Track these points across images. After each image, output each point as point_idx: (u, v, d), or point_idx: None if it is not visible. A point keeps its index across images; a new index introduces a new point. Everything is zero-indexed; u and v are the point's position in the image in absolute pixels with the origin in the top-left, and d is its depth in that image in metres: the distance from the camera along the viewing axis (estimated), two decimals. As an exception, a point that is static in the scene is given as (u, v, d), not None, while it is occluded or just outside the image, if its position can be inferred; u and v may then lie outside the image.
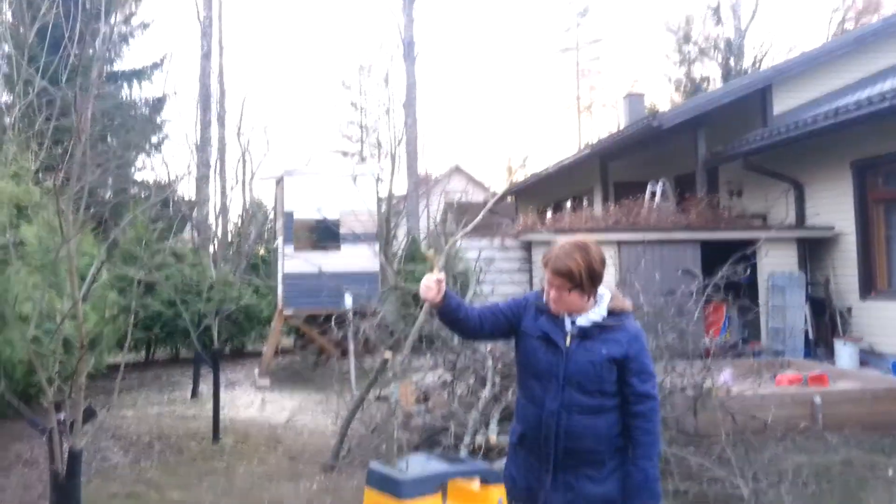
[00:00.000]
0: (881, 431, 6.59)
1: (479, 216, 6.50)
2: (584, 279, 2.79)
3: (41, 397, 2.62)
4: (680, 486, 5.01)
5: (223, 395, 8.15)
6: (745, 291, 8.06)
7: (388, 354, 5.92)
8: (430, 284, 2.79)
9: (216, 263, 7.99)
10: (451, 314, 2.87)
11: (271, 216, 15.83)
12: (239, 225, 16.60)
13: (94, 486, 5.27)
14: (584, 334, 2.84)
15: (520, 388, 3.02)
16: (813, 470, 5.58)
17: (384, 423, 6.01)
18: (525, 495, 2.91)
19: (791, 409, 6.59)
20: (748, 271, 6.74)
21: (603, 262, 2.88)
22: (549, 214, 16.91)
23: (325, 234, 9.94)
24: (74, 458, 2.53)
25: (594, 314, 2.87)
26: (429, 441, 5.64)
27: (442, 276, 2.81)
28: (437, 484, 2.50)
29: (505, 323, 2.97)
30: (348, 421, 5.96)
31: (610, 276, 6.90)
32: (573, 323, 2.86)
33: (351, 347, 7.72)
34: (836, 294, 9.91)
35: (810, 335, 9.94)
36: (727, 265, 5.79)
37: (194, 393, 8.54)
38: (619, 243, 9.90)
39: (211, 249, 13.08)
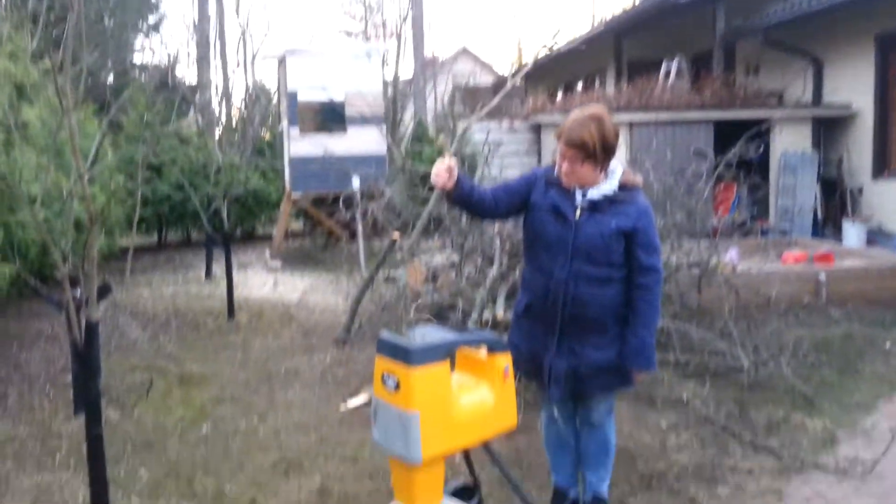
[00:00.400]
0: (883, 306, 6.70)
1: (496, 99, 6.35)
2: (598, 150, 2.77)
3: (56, 275, 2.66)
4: (680, 358, 5.16)
5: (236, 276, 8.31)
6: (756, 170, 7.97)
7: (396, 235, 5.96)
8: (441, 171, 2.74)
9: (221, 146, 7.91)
10: (463, 198, 2.84)
11: (275, 99, 15.54)
12: (243, 109, 16.34)
13: (115, 359, 5.47)
14: (594, 207, 2.85)
15: (527, 261, 3.05)
16: (813, 343, 5.72)
17: (393, 301, 6.14)
18: (529, 362, 3.01)
19: (795, 286, 6.69)
20: (761, 149, 6.63)
21: (617, 135, 2.85)
22: (559, 96, 16.50)
23: (330, 116, 9.78)
24: (91, 329, 2.61)
25: (605, 187, 2.86)
26: (437, 317, 5.77)
27: (453, 161, 2.76)
28: (446, 352, 2.56)
29: (519, 200, 2.97)
30: (358, 299, 6.09)
31: (621, 156, 6.83)
32: (584, 196, 2.86)
33: (359, 229, 7.78)
34: (849, 174, 9.80)
35: (819, 215, 9.92)
36: (739, 143, 5.69)
37: (208, 274, 8.70)
38: (631, 124, 9.70)
39: (216, 134, 12.93)
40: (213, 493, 3.46)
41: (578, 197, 2.87)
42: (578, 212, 2.86)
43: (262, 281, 8.68)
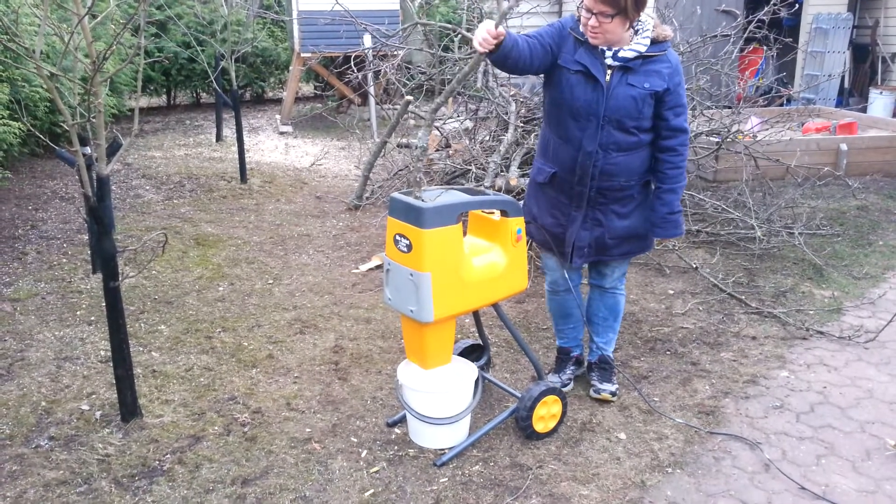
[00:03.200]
0: (903, 179, 6.60)
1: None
2: (630, 4, 2.53)
3: (66, 126, 2.62)
4: (693, 227, 5.15)
5: (246, 140, 8.22)
6: (785, 34, 7.59)
7: (409, 97, 5.80)
8: (489, 38, 2.43)
9: (227, 1, 7.57)
10: (505, 54, 2.54)
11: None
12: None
13: (130, 219, 5.52)
14: (625, 67, 2.66)
15: (552, 128, 2.86)
16: (828, 214, 5.68)
17: (407, 166, 6.09)
18: (549, 233, 2.93)
19: (816, 156, 6.55)
20: (795, 7, 6.26)
21: None
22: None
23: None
24: (103, 182, 2.60)
25: (637, 44, 2.65)
26: (450, 183, 5.73)
27: (502, 29, 2.45)
28: (459, 214, 2.54)
29: (551, 56, 2.72)
30: (371, 164, 6.03)
31: (647, 15, 6.49)
32: (615, 55, 2.66)
33: (371, 90, 7.57)
34: (883, 39, 9.34)
35: (846, 83, 9.57)
36: (772, 2, 5.37)
37: (218, 137, 8.61)
38: (658, -21, 9.18)
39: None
40: (231, 348, 3.59)
41: (608, 55, 2.66)
42: (609, 73, 2.67)
43: (273, 145, 8.59)
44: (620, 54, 2.65)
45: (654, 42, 2.67)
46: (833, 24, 9.35)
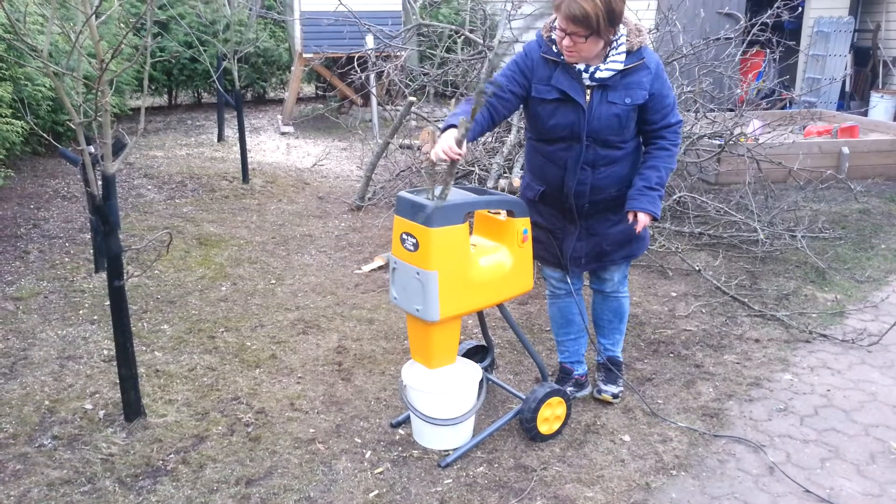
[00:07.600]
0: (905, 182, 6.60)
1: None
2: (603, 23, 2.42)
3: (72, 124, 2.61)
4: (695, 229, 5.15)
5: (248, 140, 8.22)
6: (787, 37, 7.61)
7: (412, 98, 5.80)
8: (450, 154, 2.38)
9: (229, 1, 7.58)
10: (474, 139, 2.54)
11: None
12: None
13: (133, 219, 5.52)
14: (604, 85, 2.58)
15: (535, 149, 2.81)
16: (830, 217, 5.69)
17: (409, 167, 6.09)
18: (544, 246, 2.91)
19: (818, 159, 6.56)
20: (798, 10, 6.28)
21: None
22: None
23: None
24: (108, 181, 2.59)
25: (613, 62, 2.57)
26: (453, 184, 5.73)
27: (463, 149, 2.38)
28: (465, 213, 2.54)
29: (519, 96, 2.67)
30: (373, 164, 6.03)
31: (650, 18, 6.50)
32: (591, 75, 2.58)
33: (373, 91, 7.58)
34: (884, 43, 9.36)
35: (847, 87, 9.58)
36: (774, 6, 5.38)
37: (220, 137, 8.60)
38: (660, -17, 9.19)
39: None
40: (234, 348, 3.58)
41: (585, 76, 2.59)
42: (588, 94, 2.60)
43: (274, 145, 8.59)
44: (597, 75, 2.58)
45: (630, 52, 2.58)
46: (834, 28, 9.36)
